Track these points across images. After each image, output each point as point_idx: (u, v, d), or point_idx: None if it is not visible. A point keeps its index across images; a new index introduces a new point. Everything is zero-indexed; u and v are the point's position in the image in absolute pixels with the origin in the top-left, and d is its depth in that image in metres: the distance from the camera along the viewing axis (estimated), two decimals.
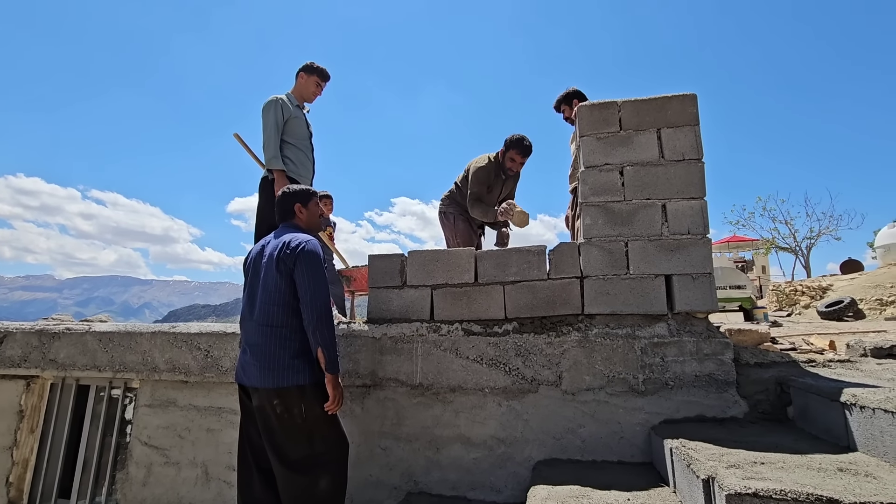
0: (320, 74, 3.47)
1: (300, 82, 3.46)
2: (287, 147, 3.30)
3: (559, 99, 3.80)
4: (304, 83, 3.46)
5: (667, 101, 2.50)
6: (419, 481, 2.41)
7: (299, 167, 3.33)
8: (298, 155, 3.35)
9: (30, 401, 3.03)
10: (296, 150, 3.35)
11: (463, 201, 3.87)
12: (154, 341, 2.81)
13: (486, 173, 3.74)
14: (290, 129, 3.32)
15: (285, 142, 3.30)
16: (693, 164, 2.44)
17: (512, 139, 3.72)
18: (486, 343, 2.43)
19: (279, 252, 2.12)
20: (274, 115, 3.22)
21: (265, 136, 3.23)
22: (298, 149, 3.36)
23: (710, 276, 2.35)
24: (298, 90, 3.47)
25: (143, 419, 2.82)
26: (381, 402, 2.51)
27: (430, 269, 2.61)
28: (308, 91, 3.48)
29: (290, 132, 3.32)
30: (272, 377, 2.02)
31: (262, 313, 2.11)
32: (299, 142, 3.37)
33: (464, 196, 3.84)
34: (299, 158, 3.35)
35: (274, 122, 3.21)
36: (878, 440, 1.56)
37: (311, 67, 3.44)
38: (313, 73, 3.45)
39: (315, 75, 3.46)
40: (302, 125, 3.41)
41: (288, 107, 3.33)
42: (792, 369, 2.32)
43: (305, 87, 3.47)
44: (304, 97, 3.49)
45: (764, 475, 1.38)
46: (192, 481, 2.69)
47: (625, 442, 2.25)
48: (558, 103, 3.81)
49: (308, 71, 3.44)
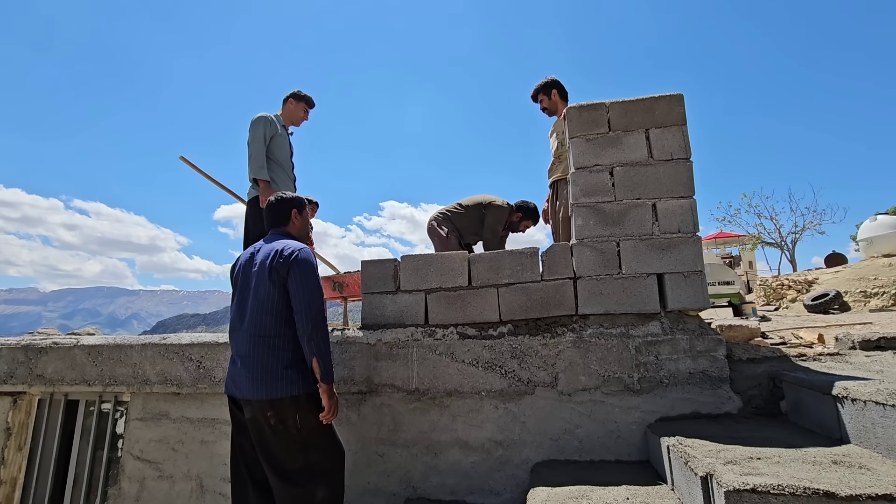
0: (307, 102, 3.82)
1: (289, 108, 3.77)
2: (269, 165, 3.48)
3: (537, 88, 3.76)
4: (293, 109, 3.77)
5: (654, 101, 2.53)
6: (418, 487, 2.40)
7: (280, 186, 3.51)
8: (280, 174, 3.57)
9: (17, 418, 2.96)
10: (278, 168, 3.56)
11: (462, 221, 4.07)
12: (144, 353, 2.76)
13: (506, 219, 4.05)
14: (273, 147, 3.53)
15: (268, 159, 3.48)
16: (681, 164, 2.46)
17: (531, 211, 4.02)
18: (481, 346, 2.43)
19: (272, 260, 2.08)
20: (262, 130, 3.44)
21: (252, 148, 3.43)
22: (280, 167, 3.58)
23: (702, 273, 2.37)
24: (287, 114, 3.76)
25: (134, 433, 2.77)
26: (378, 408, 2.49)
27: (424, 273, 2.61)
28: (296, 116, 3.79)
29: (273, 150, 3.53)
30: (265, 388, 1.98)
31: (253, 323, 2.07)
32: (281, 160, 3.58)
33: (470, 218, 4.06)
34: (280, 177, 3.57)
35: (262, 136, 3.43)
36: (870, 432, 1.59)
37: (299, 95, 3.78)
38: (301, 100, 3.79)
39: (303, 102, 3.80)
40: (285, 145, 3.65)
41: (275, 125, 3.55)
42: (783, 364, 2.35)
43: (294, 113, 3.78)
44: (291, 121, 3.79)
45: (761, 470, 1.40)
46: (186, 495, 2.64)
47: (622, 441, 2.26)
48: (536, 93, 3.77)
49: (297, 98, 3.77)
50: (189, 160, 3.85)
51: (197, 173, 3.90)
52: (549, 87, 3.71)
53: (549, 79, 3.73)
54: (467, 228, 4.07)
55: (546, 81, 3.73)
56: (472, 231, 4.09)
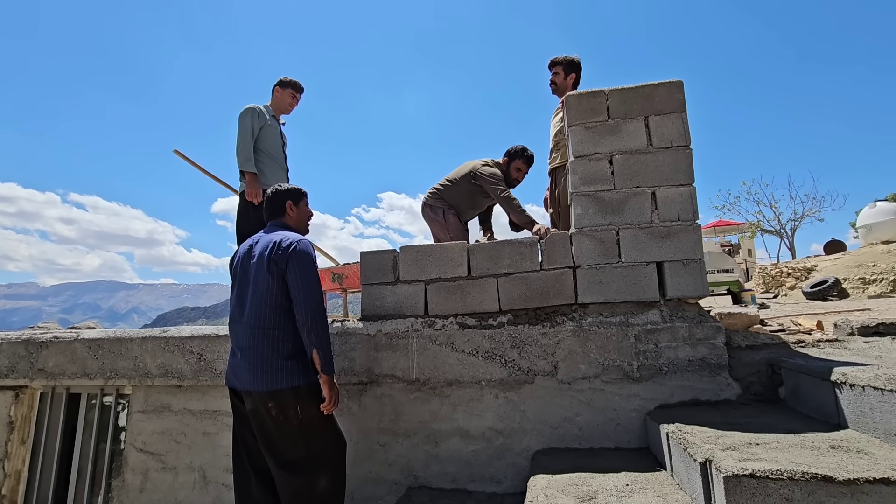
0: (294, 87, 3.71)
1: (276, 96, 3.68)
2: (259, 156, 3.43)
3: (559, 60, 3.51)
4: (279, 96, 3.68)
5: (654, 88, 2.50)
6: (419, 476, 2.42)
7: (269, 178, 3.45)
8: (270, 165, 3.51)
9: (19, 412, 2.98)
10: (268, 159, 3.50)
11: (454, 197, 3.84)
12: (145, 346, 2.77)
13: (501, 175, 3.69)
14: (263, 138, 3.47)
15: (258, 150, 3.43)
16: (681, 151, 2.45)
17: (516, 150, 3.71)
18: (481, 336, 2.44)
19: (270, 252, 2.08)
20: (249, 121, 3.39)
21: (239, 140, 3.38)
22: (271, 158, 3.52)
23: (701, 261, 2.37)
24: (275, 103, 3.68)
25: (137, 425, 2.79)
26: (378, 398, 2.51)
27: (423, 263, 2.61)
28: (284, 103, 3.70)
29: (263, 141, 3.47)
30: (265, 380, 2.00)
31: (252, 315, 2.07)
32: (271, 151, 3.52)
33: (461, 192, 3.78)
34: (271, 168, 3.51)
35: (249, 128, 3.38)
36: (868, 417, 1.60)
37: (284, 82, 3.68)
38: (287, 86, 3.68)
39: (289, 88, 3.69)
40: (276, 135, 3.58)
41: (263, 116, 3.49)
42: (782, 351, 2.36)
43: (282, 100, 3.69)
44: (280, 109, 3.71)
45: (759, 456, 1.41)
46: (189, 485, 2.67)
47: (621, 428, 2.27)
48: (555, 63, 3.53)
49: (282, 85, 3.67)
50: (183, 153, 3.82)
51: (192, 167, 3.88)
52: (570, 66, 3.50)
53: (575, 58, 3.51)
54: (463, 203, 3.92)
55: (571, 60, 3.51)
56: (468, 205, 3.96)
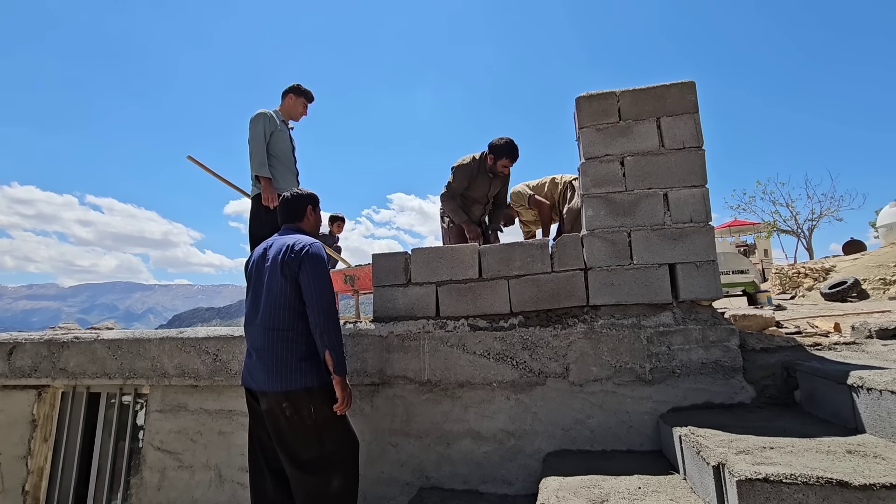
0: (307, 97, 3.74)
1: (288, 103, 3.69)
2: (270, 161, 3.45)
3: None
4: (292, 104, 3.69)
5: (665, 89, 2.49)
6: (431, 476, 2.43)
7: (280, 182, 3.48)
8: (281, 169, 3.53)
9: (42, 410, 3.06)
10: (279, 163, 3.52)
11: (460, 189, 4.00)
12: (162, 347, 2.83)
13: (466, 172, 3.90)
14: (274, 143, 3.50)
15: (269, 154, 3.45)
16: (693, 152, 2.43)
17: (498, 145, 3.80)
18: (492, 338, 2.45)
19: (283, 255, 2.12)
20: (262, 126, 3.41)
21: (252, 145, 3.41)
22: (282, 163, 3.54)
23: (714, 263, 2.35)
24: (286, 109, 3.69)
25: (154, 424, 2.85)
26: (391, 399, 2.53)
27: (434, 265, 2.62)
28: (296, 111, 3.72)
29: (273, 146, 3.50)
30: (280, 381, 2.03)
31: (266, 317, 2.12)
32: (282, 156, 3.55)
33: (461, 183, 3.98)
34: (281, 173, 3.53)
35: (262, 133, 3.39)
36: (886, 421, 1.57)
37: (299, 90, 3.69)
38: (301, 95, 3.70)
39: (303, 97, 3.72)
40: (286, 140, 3.60)
41: (274, 121, 3.51)
42: (798, 353, 2.33)
43: (294, 108, 3.70)
44: (290, 116, 3.72)
45: (773, 460, 1.40)
46: (206, 484, 2.71)
47: (633, 431, 2.26)
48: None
49: (296, 93, 3.68)
50: (196, 159, 3.84)
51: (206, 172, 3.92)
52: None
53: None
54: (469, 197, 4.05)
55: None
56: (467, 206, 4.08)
